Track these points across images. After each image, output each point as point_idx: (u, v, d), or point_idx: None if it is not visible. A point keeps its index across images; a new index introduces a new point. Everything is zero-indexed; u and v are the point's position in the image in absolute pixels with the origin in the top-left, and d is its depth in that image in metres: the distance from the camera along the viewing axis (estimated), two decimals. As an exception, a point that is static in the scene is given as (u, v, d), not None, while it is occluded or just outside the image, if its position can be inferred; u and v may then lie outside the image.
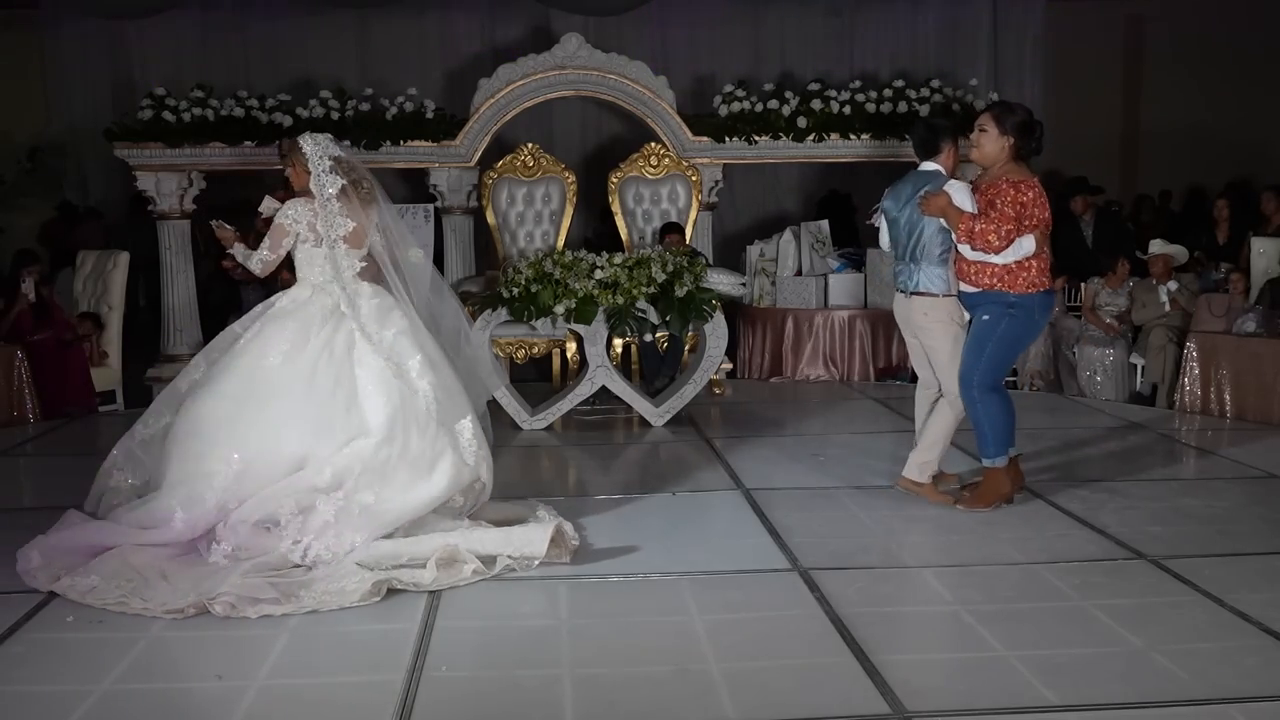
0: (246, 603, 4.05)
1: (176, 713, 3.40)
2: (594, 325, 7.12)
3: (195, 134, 8.88)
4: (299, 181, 4.92)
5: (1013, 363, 5.36)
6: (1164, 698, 3.36)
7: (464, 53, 10.99)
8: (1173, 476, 6.22)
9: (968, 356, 5.23)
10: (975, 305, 5.24)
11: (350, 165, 4.90)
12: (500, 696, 3.46)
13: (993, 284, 5.13)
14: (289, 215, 4.86)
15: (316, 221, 4.82)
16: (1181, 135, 11.90)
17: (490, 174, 9.02)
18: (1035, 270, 5.11)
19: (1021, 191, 5.02)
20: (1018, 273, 5.10)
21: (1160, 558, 4.60)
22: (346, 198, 4.83)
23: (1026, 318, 5.18)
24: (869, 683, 3.48)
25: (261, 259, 4.92)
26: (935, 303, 5.30)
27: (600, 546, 4.87)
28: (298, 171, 4.90)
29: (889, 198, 5.45)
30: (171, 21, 10.37)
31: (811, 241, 9.35)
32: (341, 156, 4.87)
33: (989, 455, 5.26)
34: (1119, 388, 8.46)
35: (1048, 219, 5.12)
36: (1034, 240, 5.04)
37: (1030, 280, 5.11)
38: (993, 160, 5.17)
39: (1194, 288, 8.33)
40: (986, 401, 5.21)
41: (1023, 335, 5.30)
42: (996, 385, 5.27)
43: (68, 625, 3.98)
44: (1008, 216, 4.98)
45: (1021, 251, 5.05)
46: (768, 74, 10.66)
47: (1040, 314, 5.26)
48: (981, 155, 5.20)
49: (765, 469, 6.18)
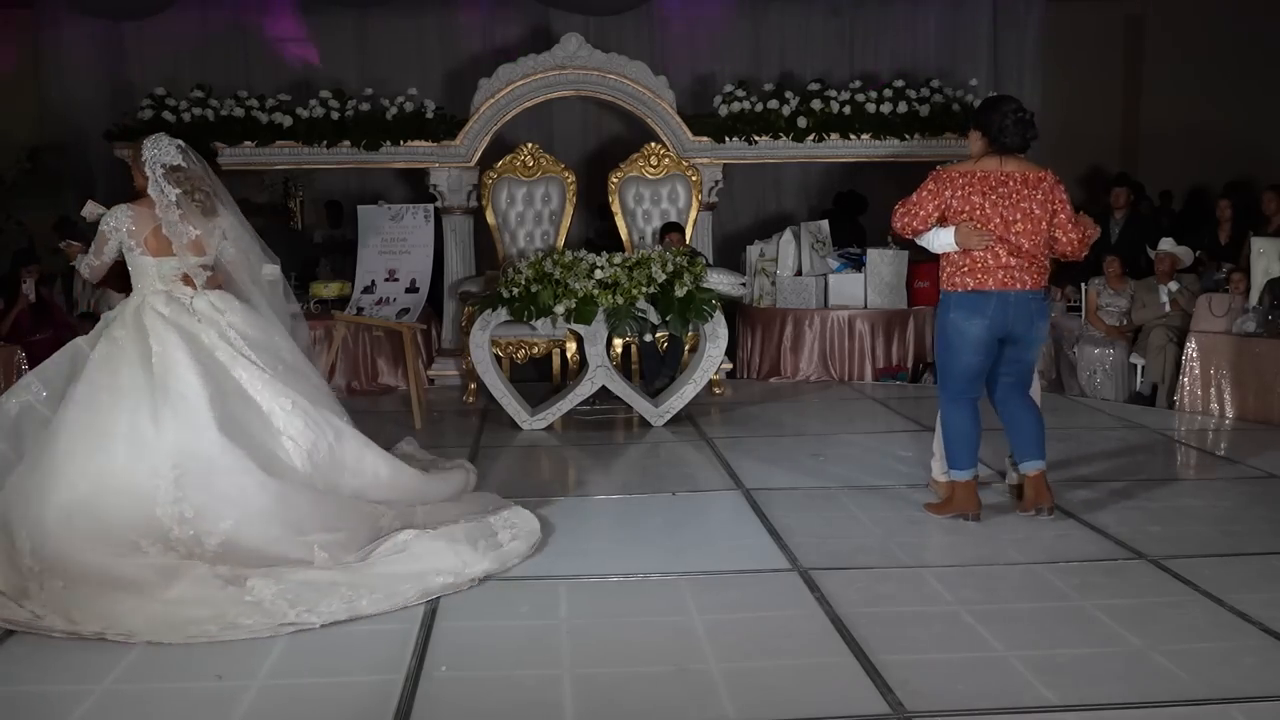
0: None
1: (176, 713, 3.39)
2: (594, 325, 7.12)
3: (195, 134, 8.87)
4: (139, 183, 4.78)
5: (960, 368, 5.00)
6: (1164, 698, 3.36)
7: (464, 53, 10.98)
8: (1173, 477, 6.22)
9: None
10: None
11: (187, 175, 4.71)
12: (500, 696, 3.45)
13: (944, 284, 5.09)
14: (109, 222, 4.71)
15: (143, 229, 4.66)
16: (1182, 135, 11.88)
17: (490, 174, 9.03)
18: (955, 267, 4.96)
19: (934, 179, 5.00)
20: (945, 268, 5.05)
21: (1160, 558, 4.60)
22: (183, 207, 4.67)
23: (943, 316, 5.03)
24: (869, 682, 3.47)
25: (88, 264, 4.83)
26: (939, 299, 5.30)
27: (600, 546, 4.87)
28: (139, 174, 4.77)
29: None
30: (171, 21, 10.35)
31: (811, 242, 9.35)
32: (178, 165, 4.70)
33: (949, 465, 5.17)
34: (1119, 388, 8.46)
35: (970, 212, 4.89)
36: (952, 233, 4.90)
37: (949, 278, 5.00)
38: (978, 155, 5.08)
39: (1195, 288, 8.32)
40: (940, 410, 5.24)
41: (945, 335, 5.04)
42: (955, 396, 5.09)
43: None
44: (907, 200, 5.04)
45: (938, 243, 4.99)
46: (768, 74, 10.65)
47: (960, 314, 4.96)
48: (971, 152, 5.16)
49: (765, 469, 6.18)
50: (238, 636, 3.84)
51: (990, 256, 4.93)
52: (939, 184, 4.98)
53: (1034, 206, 4.92)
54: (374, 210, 9.62)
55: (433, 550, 4.39)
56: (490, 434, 7.24)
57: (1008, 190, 4.92)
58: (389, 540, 4.43)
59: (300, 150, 9.17)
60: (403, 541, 4.42)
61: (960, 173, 4.98)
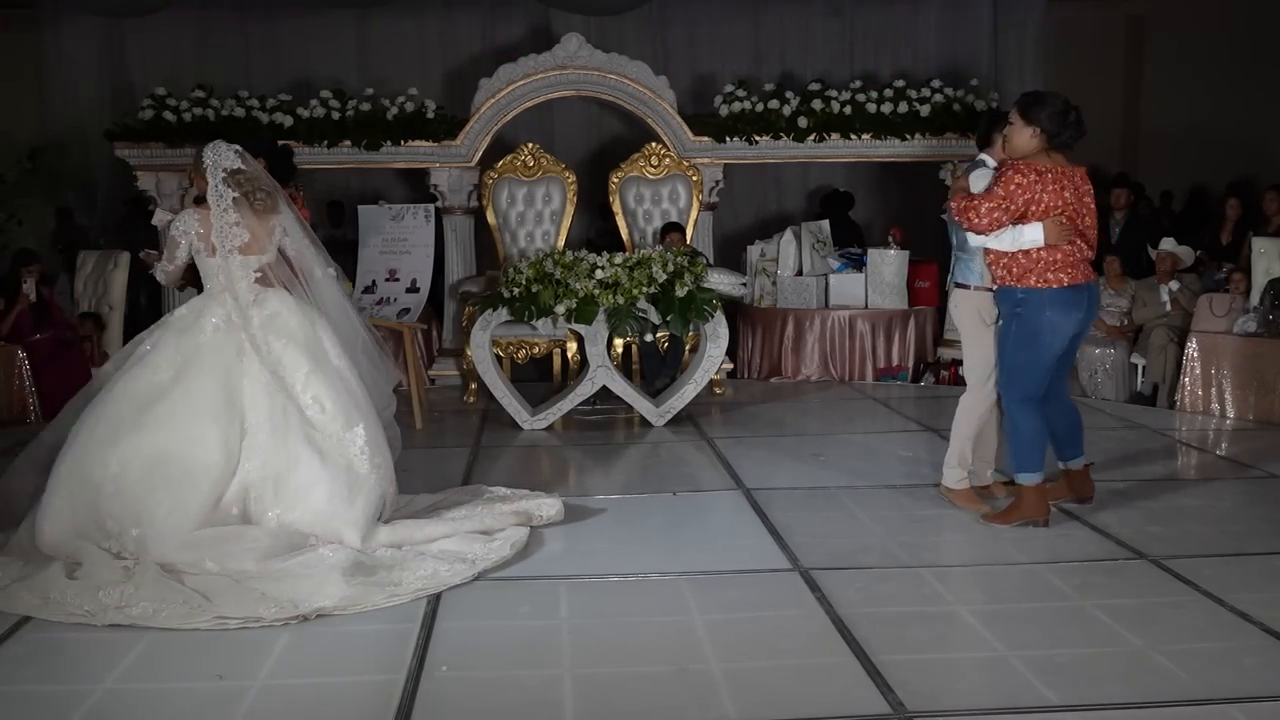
0: None
1: (177, 712, 3.40)
2: (594, 325, 7.12)
3: (195, 134, 8.88)
4: (200, 189, 4.91)
5: (1041, 368, 4.98)
6: (1164, 698, 3.36)
7: (464, 52, 10.98)
8: (1173, 476, 6.22)
9: (997, 364, 5.11)
10: (997, 306, 5.13)
11: (246, 177, 4.84)
12: (501, 696, 3.46)
13: (1005, 279, 4.93)
14: (178, 227, 4.86)
15: (208, 232, 4.79)
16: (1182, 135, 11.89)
17: (491, 174, 9.03)
18: (1045, 263, 4.86)
19: (1020, 173, 4.82)
20: (1026, 266, 4.87)
21: (1161, 558, 4.60)
22: (241, 209, 4.79)
23: (1035, 315, 4.90)
24: (869, 682, 3.48)
25: (163, 270, 4.96)
26: (965, 295, 5.26)
27: (600, 546, 4.87)
28: (199, 180, 4.90)
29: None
30: (171, 21, 10.36)
31: (812, 241, 9.35)
32: (239, 169, 4.82)
33: (1016, 468, 5.07)
34: (1119, 388, 8.45)
35: (1063, 208, 4.84)
36: (1041, 230, 4.81)
37: (1040, 274, 4.87)
38: (1022, 153, 4.95)
39: (1195, 288, 8.32)
40: (1012, 412, 5.07)
41: (1037, 335, 4.93)
42: (1027, 395, 5.00)
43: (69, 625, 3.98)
44: (994, 195, 4.82)
45: (1024, 240, 4.84)
46: (768, 74, 10.66)
47: (1056, 311, 4.88)
48: (1010, 148, 5.01)
49: (765, 469, 6.18)
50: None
51: (1075, 250, 4.92)
52: (1030, 178, 4.81)
53: (1091, 201, 5.01)
54: (375, 210, 9.63)
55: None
56: (491, 434, 7.24)
57: (1074, 185, 4.93)
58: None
59: (301, 150, 9.15)
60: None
61: (1045, 168, 4.86)
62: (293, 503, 4.55)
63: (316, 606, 4.05)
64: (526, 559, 4.67)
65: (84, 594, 4.07)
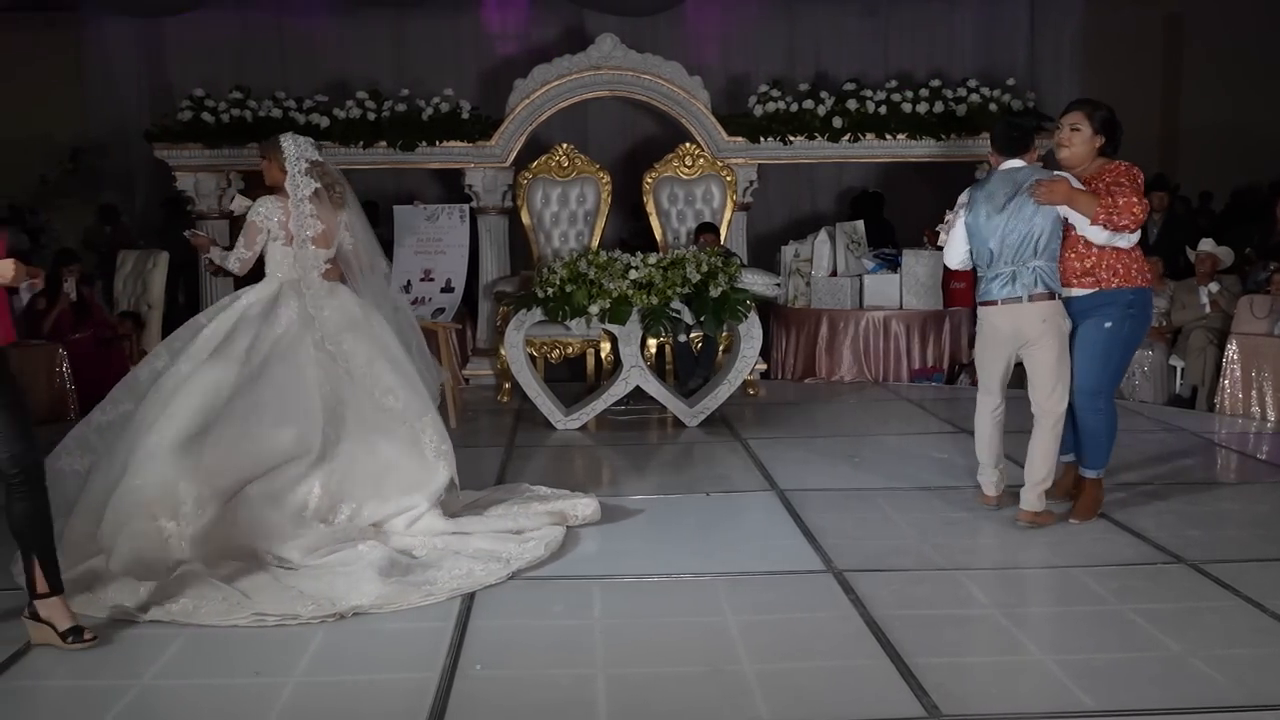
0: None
1: (214, 708, 3.43)
2: (628, 325, 7.13)
3: (233, 135, 8.97)
4: (272, 178, 5.02)
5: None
6: (1202, 704, 3.33)
7: (499, 53, 11.02)
8: (1212, 480, 6.16)
9: (1094, 366, 4.97)
10: (1087, 310, 4.97)
11: (325, 169, 5.02)
12: (534, 695, 3.47)
13: (1109, 282, 4.89)
14: (260, 213, 4.95)
15: (288, 220, 4.91)
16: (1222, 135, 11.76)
17: (525, 174, 9.05)
18: (1141, 264, 4.95)
19: (1138, 173, 4.90)
20: (1131, 265, 4.88)
21: (1200, 562, 4.55)
22: (319, 200, 4.95)
23: (1144, 314, 4.99)
24: (904, 685, 3.46)
25: (239, 257, 5.02)
26: (1054, 307, 4.92)
27: (633, 547, 4.88)
28: (272, 168, 5.00)
29: (981, 204, 5.00)
30: (208, 22, 10.46)
31: (847, 242, 9.32)
32: (319, 160, 4.99)
33: (1099, 465, 5.10)
34: (1158, 390, 8.37)
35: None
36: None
37: (1143, 273, 4.94)
38: (1082, 161, 4.96)
39: (1235, 289, 8.23)
40: (1110, 412, 5.05)
41: (1141, 334, 5.09)
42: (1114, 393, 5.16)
43: (107, 620, 4.03)
44: (1140, 191, 4.82)
45: (1135, 237, 4.89)
46: (803, 74, 10.63)
47: (1152, 309, 5.15)
48: (1072, 155, 4.98)
49: (799, 470, 6.16)
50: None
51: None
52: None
53: None
54: (410, 210, 9.66)
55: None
56: (524, 433, 7.26)
57: None
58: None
59: (337, 151, 9.21)
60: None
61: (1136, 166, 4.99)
62: (371, 491, 4.67)
63: (353, 605, 4.08)
64: (560, 559, 4.69)
65: (125, 589, 4.12)
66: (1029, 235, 4.87)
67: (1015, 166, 5.03)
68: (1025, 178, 4.93)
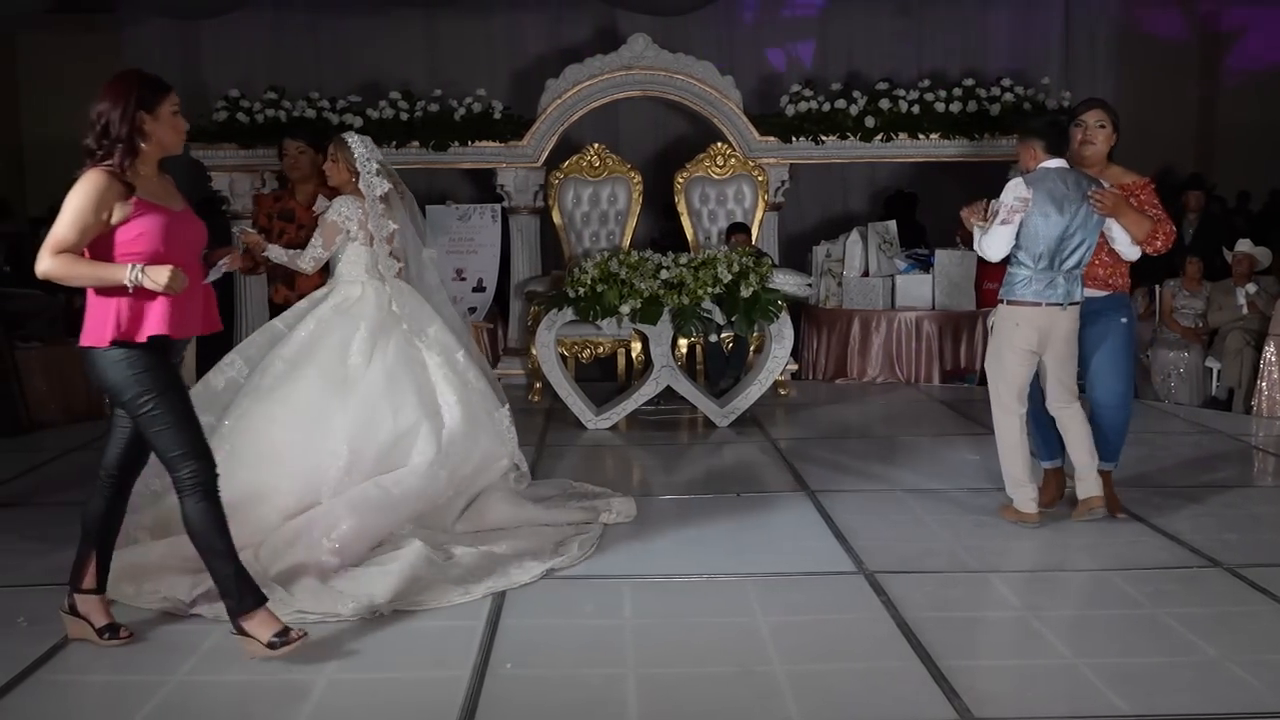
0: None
1: (246, 704, 3.46)
2: (659, 325, 7.13)
3: (268, 135, 9.03)
4: (339, 178, 5.04)
5: None
6: (1237, 708, 3.30)
7: (531, 53, 11.04)
8: (1249, 483, 6.10)
9: (1121, 361, 5.10)
10: (1100, 310, 5.03)
11: (388, 170, 5.08)
12: (564, 694, 3.48)
13: (1122, 286, 5.13)
14: (341, 213, 4.97)
15: (366, 220, 4.95)
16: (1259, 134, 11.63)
17: (557, 174, 9.07)
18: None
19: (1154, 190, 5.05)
20: (1125, 269, 5.14)
21: (1236, 566, 4.51)
22: (388, 201, 5.01)
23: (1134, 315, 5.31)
24: (935, 688, 3.45)
25: (314, 256, 5.06)
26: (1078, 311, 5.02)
27: (664, 546, 4.88)
28: (340, 169, 5.02)
29: (1046, 203, 4.83)
30: (243, 23, 10.53)
31: (879, 242, 9.28)
32: (384, 162, 5.06)
33: (1113, 459, 5.21)
34: (1194, 392, 8.30)
35: None
36: None
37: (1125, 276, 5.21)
38: (1101, 159, 5.02)
39: (1273, 290, 8.14)
40: (1127, 409, 5.22)
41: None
42: None
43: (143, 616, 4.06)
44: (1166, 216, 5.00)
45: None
46: (835, 73, 10.59)
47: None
48: (1095, 153, 5.02)
49: (830, 471, 6.15)
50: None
51: None
52: None
53: None
54: (442, 210, 9.71)
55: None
56: (555, 433, 7.28)
57: None
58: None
59: (370, 151, 9.27)
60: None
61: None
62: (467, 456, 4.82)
63: (392, 603, 4.11)
64: (590, 558, 4.70)
65: (179, 583, 4.16)
66: (1084, 242, 4.88)
67: (1064, 167, 4.96)
68: (1084, 182, 4.89)
